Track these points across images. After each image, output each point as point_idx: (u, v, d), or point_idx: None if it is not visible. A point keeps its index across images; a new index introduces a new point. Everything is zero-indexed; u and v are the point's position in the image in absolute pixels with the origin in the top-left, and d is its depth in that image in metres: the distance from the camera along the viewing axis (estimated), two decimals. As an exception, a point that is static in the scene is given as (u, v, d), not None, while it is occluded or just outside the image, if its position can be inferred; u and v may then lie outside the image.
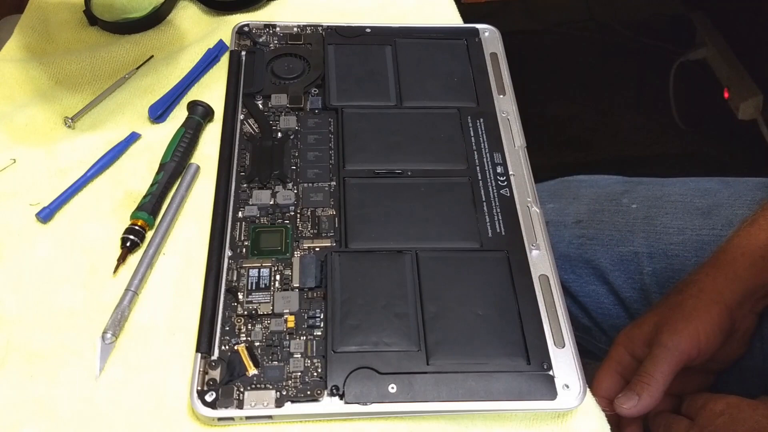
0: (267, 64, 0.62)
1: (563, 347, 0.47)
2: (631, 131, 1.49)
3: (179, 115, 0.60)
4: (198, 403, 0.44)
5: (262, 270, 0.50)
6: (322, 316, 0.47)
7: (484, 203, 0.54)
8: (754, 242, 0.53)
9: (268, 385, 0.44)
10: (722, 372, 0.57)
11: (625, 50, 1.59)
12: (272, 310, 0.48)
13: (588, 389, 0.45)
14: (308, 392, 0.44)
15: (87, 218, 0.54)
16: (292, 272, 0.50)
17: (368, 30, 0.65)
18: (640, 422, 0.55)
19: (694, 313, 0.51)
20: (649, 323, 0.53)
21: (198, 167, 0.57)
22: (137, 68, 0.64)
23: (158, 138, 0.59)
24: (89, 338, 0.48)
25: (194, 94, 0.62)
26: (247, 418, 0.44)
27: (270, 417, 0.44)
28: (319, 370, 0.45)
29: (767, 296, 0.53)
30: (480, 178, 0.55)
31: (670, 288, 0.56)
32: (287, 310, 0.48)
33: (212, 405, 0.44)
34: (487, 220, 0.53)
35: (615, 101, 1.52)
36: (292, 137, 0.58)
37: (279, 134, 0.58)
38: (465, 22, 0.69)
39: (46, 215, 0.53)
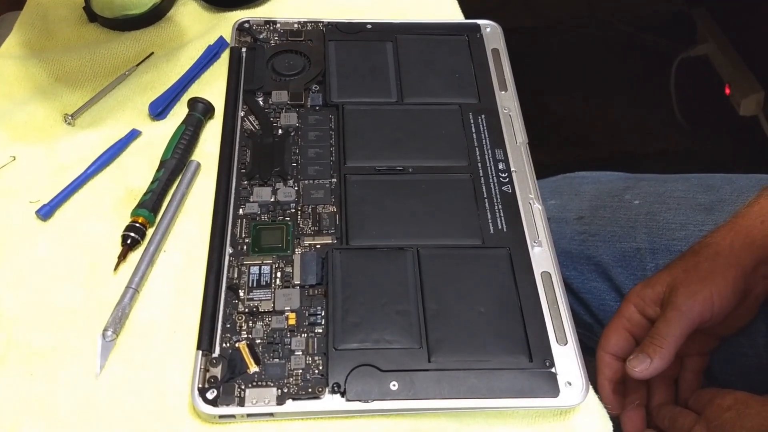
0: (267, 60, 0.62)
1: (566, 344, 0.47)
2: (632, 127, 1.48)
3: (180, 112, 0.60)
4: (199, 400, 0.43)
5: (263, 267, 0.50)
6: (323, 314, 0.47)
7: (486, 200, 0.54)
8: None
9: (269, 383, 0.44)
10: (727, 337, 0.56)
11: (627, 46, 1.59)
12: (273, 307, 0.48)
13: (591, 386, 0.45)
14: (309, 390, 0.44)
15: (87, 216, 0.54)
16: (293, 269, 0.49)
17: (369, 26, 0.65)
18: (644, 412, 0.55)
19: (710, 276, 0.51)
20: (661, 283, 0.53)
21: (198, 164, 0.57)
22: (137, 65, 0.63)
23: (159, 135, 0.58)
24: (90, 336, 0.48)
25: (195, 91, 0.62)
26: (249, 415, 0.44)
27: (271, 414, 0.44)
28: (321, 368, 0.45)
29: None
30: (482, 174, 0.55)
31: (686, 249, 0.56)
32: (288, 308, 0.48)
33: (213, 402, 0.43)
34: (489, 216, 0.53)
35: (616, 97, 1.52)
36: (292, 134, 0.57)
37: (280, 131, 0.58)
38: (466, 17, 0.69)
39: (46, 213, 0.53)
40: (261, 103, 0.59)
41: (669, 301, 0.51)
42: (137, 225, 0.52)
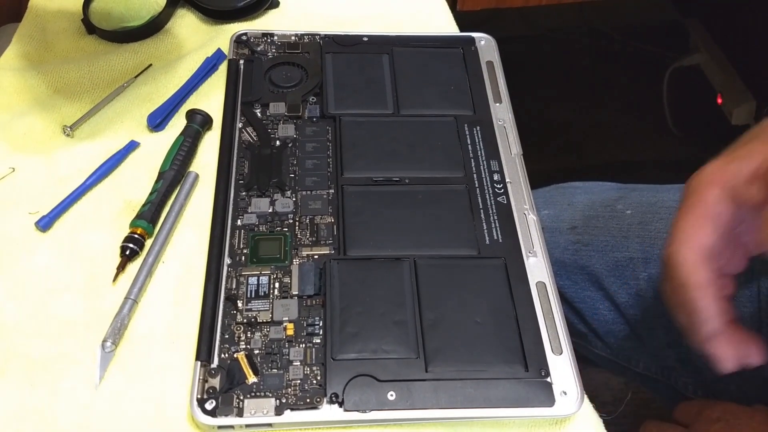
0: (265, 72, 0.63)
1: (561, 354, 0.47)
2: (625, 136, 1.49)
3: (178, 123, 0.61)
4: (198, 411, 0.44)
5: (261, 278, 0.50)
6: (321, 324, 0.48)
7: (482, 210, 0.54)
8: None
9: (267, 393, 0.45)
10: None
11: (620, 56, 1.60)
12: (271, 317, 0.48)
13: (585, 396, 0.46)
14: (308, 400, 0.44)
15: (86, 227, 0.54)
16: (291, 280, 0.50)
17: (365, 39, 0.66)
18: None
19: None
20: (756, 158, 0.39)
21: (197, 175, 0.57)
22: (136, 77, 0.64)
23: (157, 146, 0.59)
24: (89, 347, 0.48)
25: (193, 102, 0.63)
26: (247, 426, 0.44)
27: (270, 425, 0.44)
28: (319, 378, 0.45)
29: None
30: (477, 185, 0.56)
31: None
32: (286, 318, 0.48)
33: (212, 413, 0.44)
34: (485, 227, 0.53)
35: (609, 107, 1.53)
36: (290, 145, 0.58)
37: (277, 142, 0.58)
38: (461, 30, 0.70)
39: (45, 224, 0.54)
40: (259, 114, 0.60)
41: None
42: (136, 236, 0.52)
